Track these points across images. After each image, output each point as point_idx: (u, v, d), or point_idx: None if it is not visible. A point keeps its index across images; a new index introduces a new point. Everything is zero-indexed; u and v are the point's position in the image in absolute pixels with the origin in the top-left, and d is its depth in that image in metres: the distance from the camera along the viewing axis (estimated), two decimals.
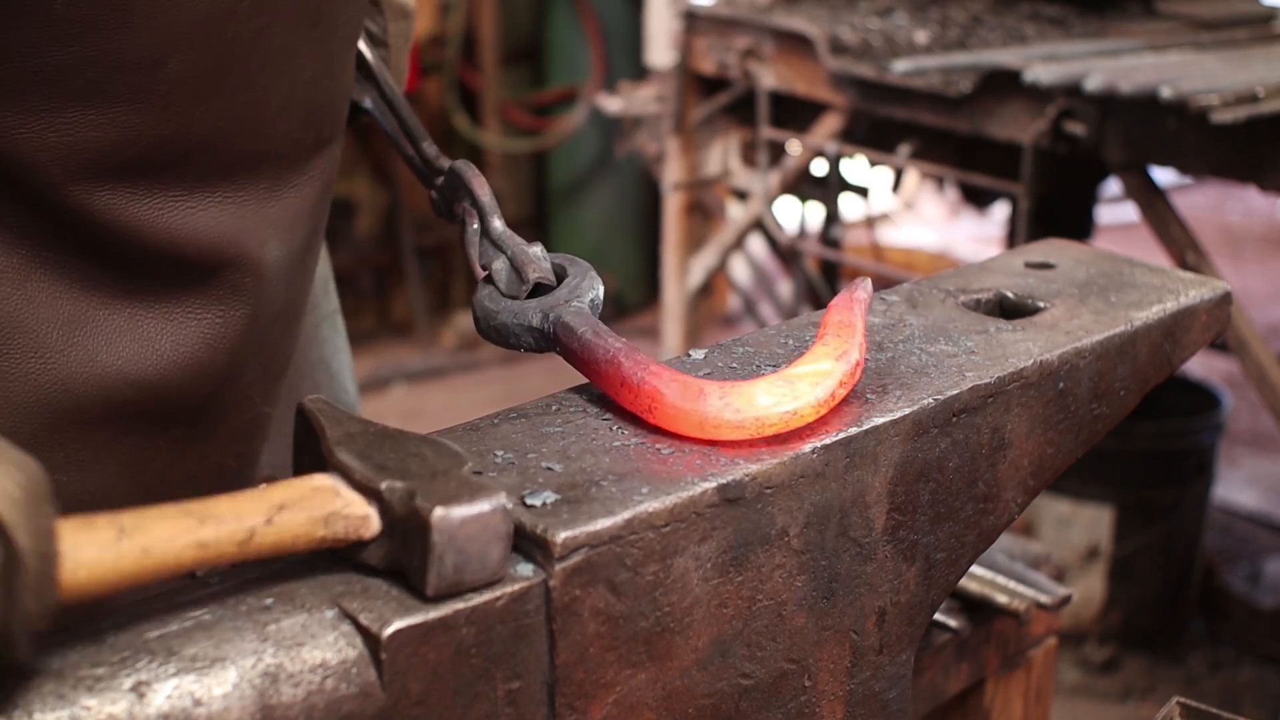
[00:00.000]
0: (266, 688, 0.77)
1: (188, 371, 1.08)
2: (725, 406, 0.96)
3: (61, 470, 1.04)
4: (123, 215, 1.00)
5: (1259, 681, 3.78)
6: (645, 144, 4.48)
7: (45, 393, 1.02)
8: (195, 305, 1.08)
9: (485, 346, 6.02)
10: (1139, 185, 3.17)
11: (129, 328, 1.05)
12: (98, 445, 1.07)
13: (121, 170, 0.99)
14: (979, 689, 1.53)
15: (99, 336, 1.03)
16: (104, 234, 1.01)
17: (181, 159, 1.02)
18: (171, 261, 1.05)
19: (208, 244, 1.06)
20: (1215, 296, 1.27)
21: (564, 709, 0.87)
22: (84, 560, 0.73)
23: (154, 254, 1.04)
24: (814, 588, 1.00)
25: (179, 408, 1.10)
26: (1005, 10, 4.07)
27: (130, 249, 1.02)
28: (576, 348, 1.04)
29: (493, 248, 1.14)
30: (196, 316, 1.08)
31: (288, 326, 1.21)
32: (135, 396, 1.06)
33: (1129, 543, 3.82)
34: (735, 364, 1.09)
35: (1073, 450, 1.18)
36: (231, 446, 1.19)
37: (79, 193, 0.98)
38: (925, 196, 7.33)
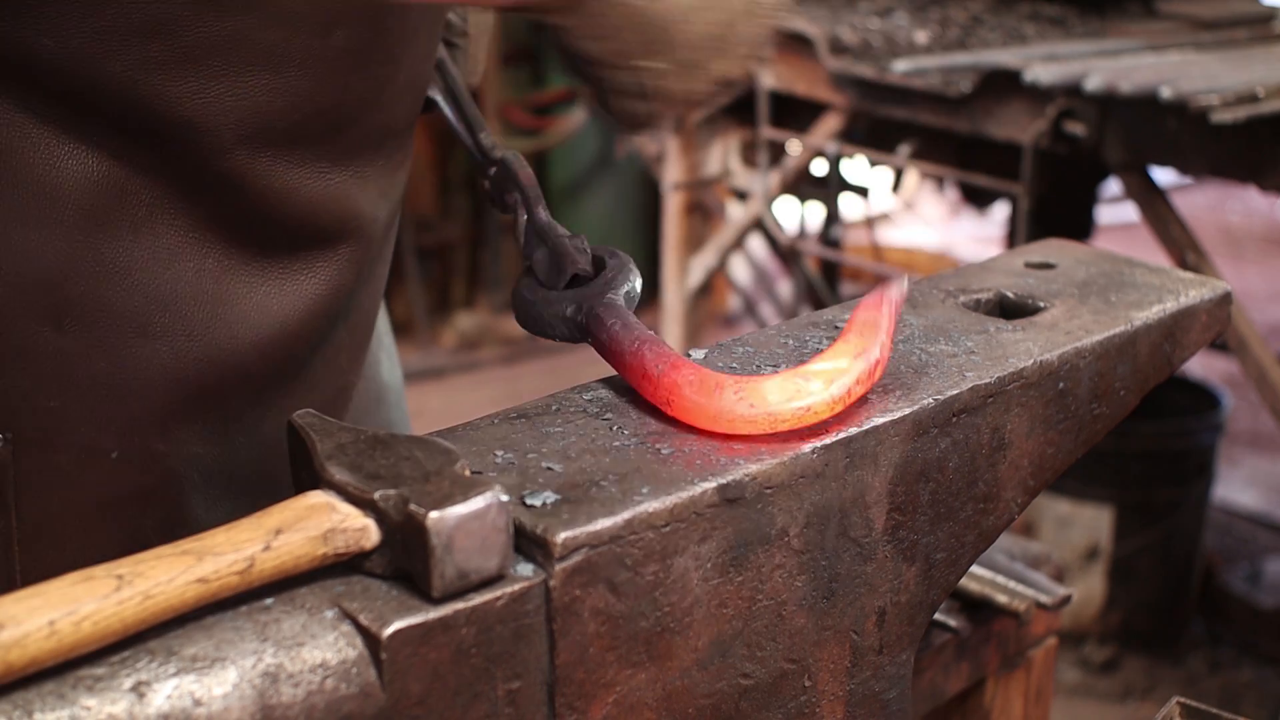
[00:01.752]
0: (266, 688, 0.77)
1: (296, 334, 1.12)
2: (739, 401, 0.96)
3: (196, 442, 1.08)
4: (277, 183, 1.04)
5: (1259, 681, 3.78)
6: (645, 144, 4.48)
7: (190, 369, 1.05)
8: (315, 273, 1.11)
9: (485, 346, 6.02)
10: (1139, 185, 3.17)
11: (262, 302, 1.08)
12: (227, 416, 1.10)
13: (284, 137, 1.02)
14: (979, 689, 1.53)
15: (237, 312, 1.07)
16: (255, 203, 1.04)
17: (333, 128, 1.06)
18: (308, 230, 1.08)
19: (340, 212, 1.10)
20: (1215, 296, 1.27)
21: (564, 709, 0.87)
22: (86, 614, 0.74)
23: (295, 222, 1.07)
24: (814, 588, 1.00)
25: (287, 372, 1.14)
26: (1005, 10, 4.07)
27: (275, 218, 1.06)
28: (605, 339, 1.05)
29: (536, 237, 1.16)
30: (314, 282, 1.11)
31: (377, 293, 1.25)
32: (262, 367, 1.10)
33: (1129, 543, 3.82)
34: (735, 364, 1.09)
35: (1073, 450, 1.18)
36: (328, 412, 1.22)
37: (243, 158, 1.01)
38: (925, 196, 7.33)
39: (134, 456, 1.05)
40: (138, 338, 1.02)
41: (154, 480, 1.07)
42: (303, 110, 1.02)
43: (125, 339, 1.02)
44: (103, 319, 1.00)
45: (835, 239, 4.11)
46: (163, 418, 1.05)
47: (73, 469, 1.03)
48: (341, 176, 1.09)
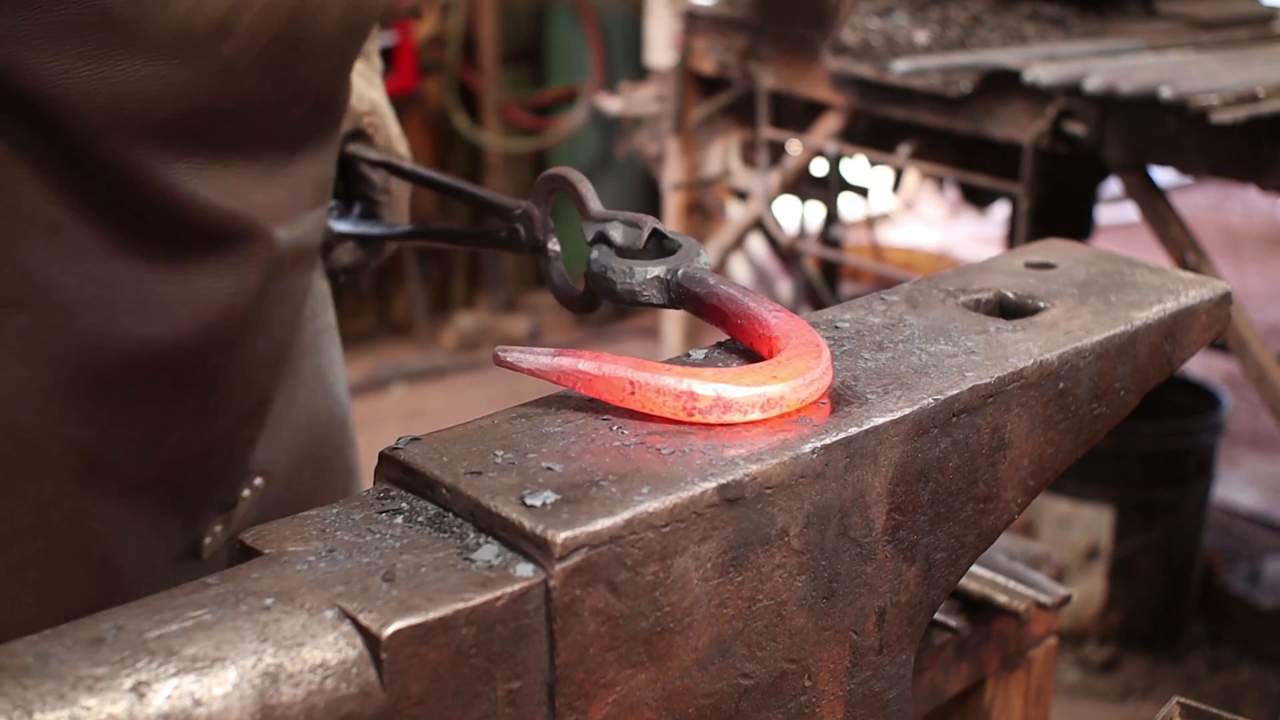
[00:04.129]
0: (266, 688, 0.77)
1: (201, 339, 1.12)
2: None
3: (76, 424, 1.08)
4: (155, 176, 1.03)
5: (1259, 681, 3.78)
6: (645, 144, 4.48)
7: (66, 349, 1.04)
8: (211, 274, 1.11)
9: (485, 346, 6.02)
10: (1139, 185, 3.17)
11: (150, 293, 1.07)
12: (115, 407, 1.10)
13: (160, 130, 1.02)
14: (979, 689, 1.53)
15: (122, 300, 1.06)
16: (135, 194, 1.03)
17: (212, 127, 1.05)
18: (193, 227, 1.08)
19: (228, 213, 1.09)
20: (1215, 296, 1.27)
21: (564, 709, 0.87)
22: None
23: (178, 219, 1.06)
24: (814, 588, 1.00)
25: (194, 379, 1.14)
26: (1005, 10, 4.07)
27: (157, 212, 1.05)
28: (704, 293, 1.10)
29: (596, 222, 1.17)
30: (212, 286, 1.11)
31: (294, 311, 1.25)
32: (151, 362, 1.09)
33: (1129, 543, 3.82)
34: (736, 364, 1.09)
35: (1073, 450, 1.18)
36: (240, 429, 1.23)
37: (118, 146, 1.00)
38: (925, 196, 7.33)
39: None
40: (11, 308, 1.02)
41: (20, 454, 1.06)
42: (179, 104, 1.01)
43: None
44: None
45: (835, 239, 4.11)
46: (32, 391, 1.05)
47: None
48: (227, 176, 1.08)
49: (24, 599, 1.09)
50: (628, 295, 1.13)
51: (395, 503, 0.93)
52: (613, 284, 1.13)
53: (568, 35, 6.23)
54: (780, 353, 1.03)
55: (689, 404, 0.98)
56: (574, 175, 1.20)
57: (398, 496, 0.94)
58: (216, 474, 1.23)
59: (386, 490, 0.95)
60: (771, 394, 0.98)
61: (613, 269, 1.13)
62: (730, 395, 0.98)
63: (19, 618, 1.08)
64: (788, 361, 1.01)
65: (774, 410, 0.99)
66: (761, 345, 1.06)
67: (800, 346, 1.03)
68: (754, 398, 0.98)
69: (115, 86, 0.97)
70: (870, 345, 1.13)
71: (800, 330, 1.05)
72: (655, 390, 0.98)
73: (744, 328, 1.08)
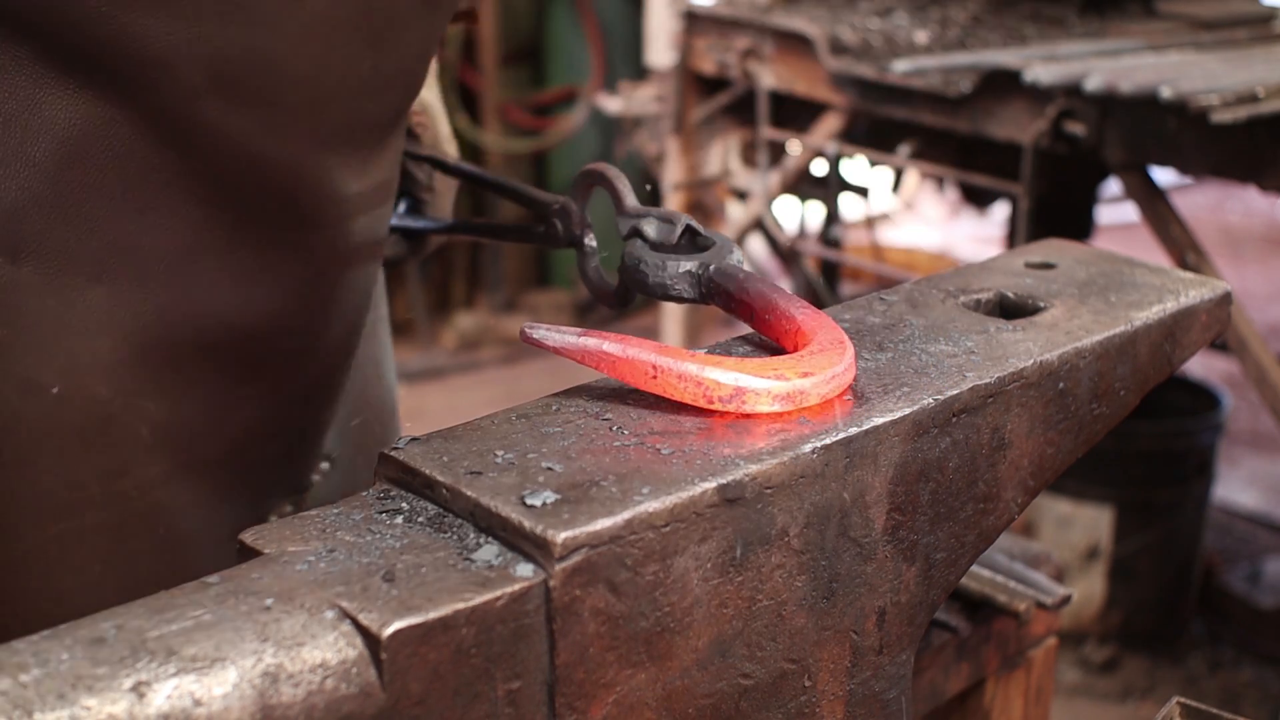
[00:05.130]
0: (266, 688, 0.77)
1: (276, 320, 1.14)
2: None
3: (149, 397, 1.10)
4: (252, 145, 1.04)
5: (1259, 681, 3.78)
6: (645, 144, 4.48)
7: (143, 320, 1.06)
8: (291, 256, 1.12)
9: (485, 346, 6.02)
10: (1139, 185, 3.17)
11: (230, 269, 1.09)
12: (187, 382, 1.11)
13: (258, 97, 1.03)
14: (979, 689, 1.53)
15: (201, 274, 1.08)
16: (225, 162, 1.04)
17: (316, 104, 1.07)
18: (277, 205, 1.09)
19: (313, 193, 1.11)
20: (1215, 296, 1.27)
21: (564, 709, 0.87)
22: None
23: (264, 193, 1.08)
24: (814, 588, 1.00)
25: (266, 359, 1.15)
26: (1005, 10, 4.07)
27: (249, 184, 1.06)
28: (734, 289, 1.11)
29: (631, 217, 1.18)
30: (290, 268, 1.13)
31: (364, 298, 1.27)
32: (226, 338, 1.11)
33: (1129, 543, 3.82)
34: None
35: (1073, 450, 1.18)
36: (311, 410, 1.25)
37: (217, 111, 1.01)
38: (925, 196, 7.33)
39: (74, 396, 1.06)
40: (90, 281, 1.03)
41: (94, 424, 1.08)
42: (275, 73, 1.02)
43: (77, 280, 1.03)
44: (58, 258, 1.02)
45: (835, 239, 4.11)
46: (109, 363, 1.06)
47: (13, 399, 1.04)
48: (321, 156, 1.09)
49: (91, 566, 1.11)
50: (659, 289, 1.14)
51: (395, 503, 0.93)
52: (645, 277, 1.14)
53: (568, 35, 6.23)
54: (805, 348, 1.03)
55: (710, 392, 0.98)
56: (611, 171, 1.22)
57: (398, 496, 0.94)
58: (285, 455, 1.25)
59: (386, 490, 0.95)
60: (794, 387, 0.99)
61: (645, 262, 1.14)
62: (751, 386, 0.98)
63: (86, 583, 1.11)
64: (811, 356, 1.01)
65: (795, 404, 0.99)
66: (788, 341, 1.07)
67: (825, 342, 1.03)
68: (775, 390, 0.98)
69: (215, 48, 0.98)
70: (870, 345, 1.13)
71: (826, 327, 1.05)
72: (677, 376, 0.98)
73: (771, 323, 1.09)
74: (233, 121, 1.03)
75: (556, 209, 1.29)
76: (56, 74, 0.97)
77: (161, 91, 0.99)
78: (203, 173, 1.04)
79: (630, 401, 1.03)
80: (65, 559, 1.10)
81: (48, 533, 1.08)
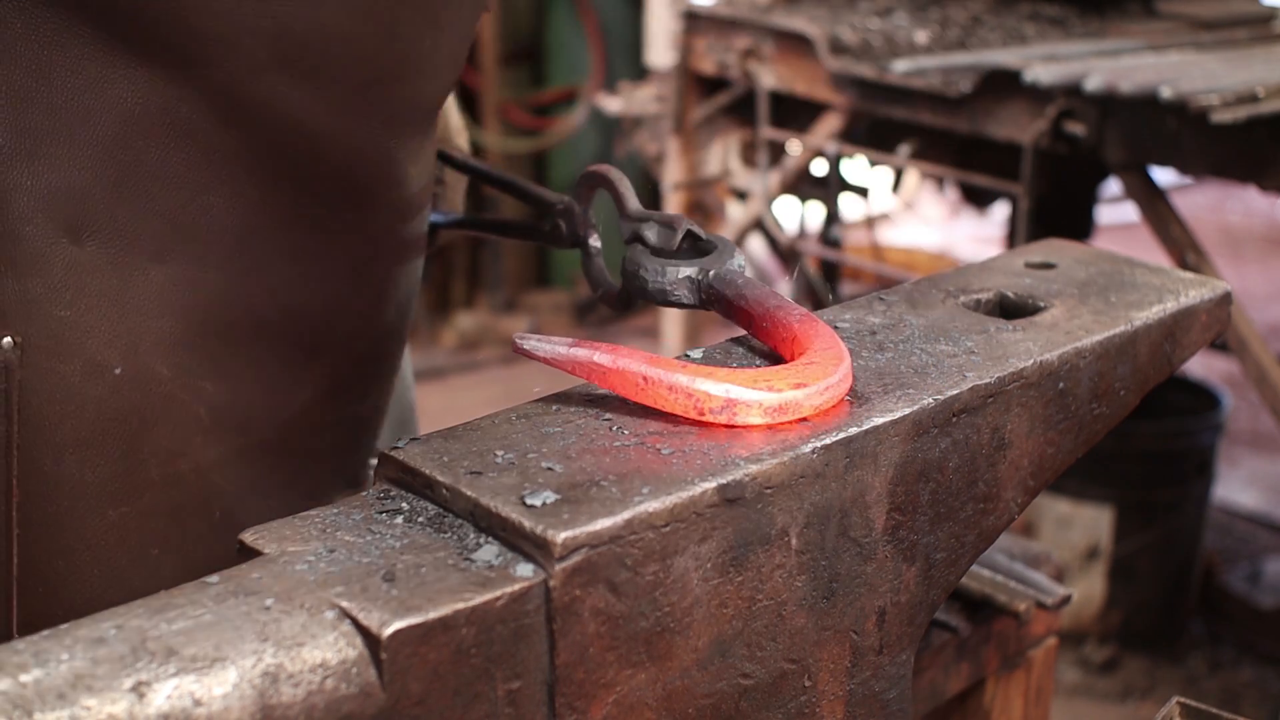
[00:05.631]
0: (266, 688, 0.77)
1: (333, 302, 1.14)
2: None
3: (208, 377, 1.10)
4: (313, 122, 1.05)
5: (1259, 681, 3.78)
6: (645, 144, 4.48)
7: (203, 299, 1.07)
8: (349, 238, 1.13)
9: (485, 346, 6.02)
10: (1139, 185, 3.17)
11: (288, 250, 1.09)
12: (244, 360, 1.12)
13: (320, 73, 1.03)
14: (979, 689, 1.53)
15: (260, 254, 1.08)
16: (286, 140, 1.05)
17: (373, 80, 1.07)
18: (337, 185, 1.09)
19: (373, 173, 1.11)
20: (1215, 296, 1.27)
21: (564, 709, 0.87)
22: None
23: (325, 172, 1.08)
24: (814, 588, 1.00)
25: (323, 341, 1.16)
26: (1005, 10, 4.07)
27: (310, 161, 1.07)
28: (732, 295, 1.11)
29: (633, 221, 1.18)
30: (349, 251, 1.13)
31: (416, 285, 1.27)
32: (284, 319, 1.12)
33: (1129, 543, 3.82)
34: (734, 364, 1.09)
35: (1073, 450, 1.18)
36: (369, 398, 1.26)
37: (280, 86, 1.02)
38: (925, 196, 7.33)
39: (136, 376, 1.06)
40: (151, 261, 1.04)
41: (155, 404, 1.08)
42: (338, 49, 1.03)
43: (139, 260, 1.03)
44: (120, 237, 1.02)
45: (835, 239, 4.11)
46: (169, 342, 1.07)
47: (76, 380, 1.05)
48: (381, 135, 1.09)
49: (150, 548, 1.12)
50: (659, 295, 1.14)
51: (395, 503, 0.93)
52: (645, 283, 1.14)
53: (568, 35, 6.23)
54: (801, 357, 1.03)
55: (700, 403, 0.98)
56: (614, 173, 1.22)
57: (398, 496, 0.94)
58: (342, 443, 1.26)
59: (386, 490, 0.95)
60: (785, 399, 0.98)
61: (645, 268, 1.14)
62: (742, 398, 0.98)
63: (145, 565, 1.11)
64: (805, 367, 1.01)
65: (787, 416, 0.99)
66: (785, 349, 1.07)
67: (821, 352, 1.02)
68: (766, 402, 0.98)
69: (279, 23, 0.99)
70: (870, 345, 1.13)
71: (823, 335, 1.05)
72: (667, 387, 0.98)
73: (769, 331, 1.09)
74: (294, 98, 1.03)
75: (561, 209, 1.29)
76: (120, 52, 0.97)
77: (224, 68, 0.99)
78: (263, 152, 1.04)
79: (630, 401, 1.03)
80: (124, 542, 1.10)
81: (108, 518, 1.09)
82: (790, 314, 1.08)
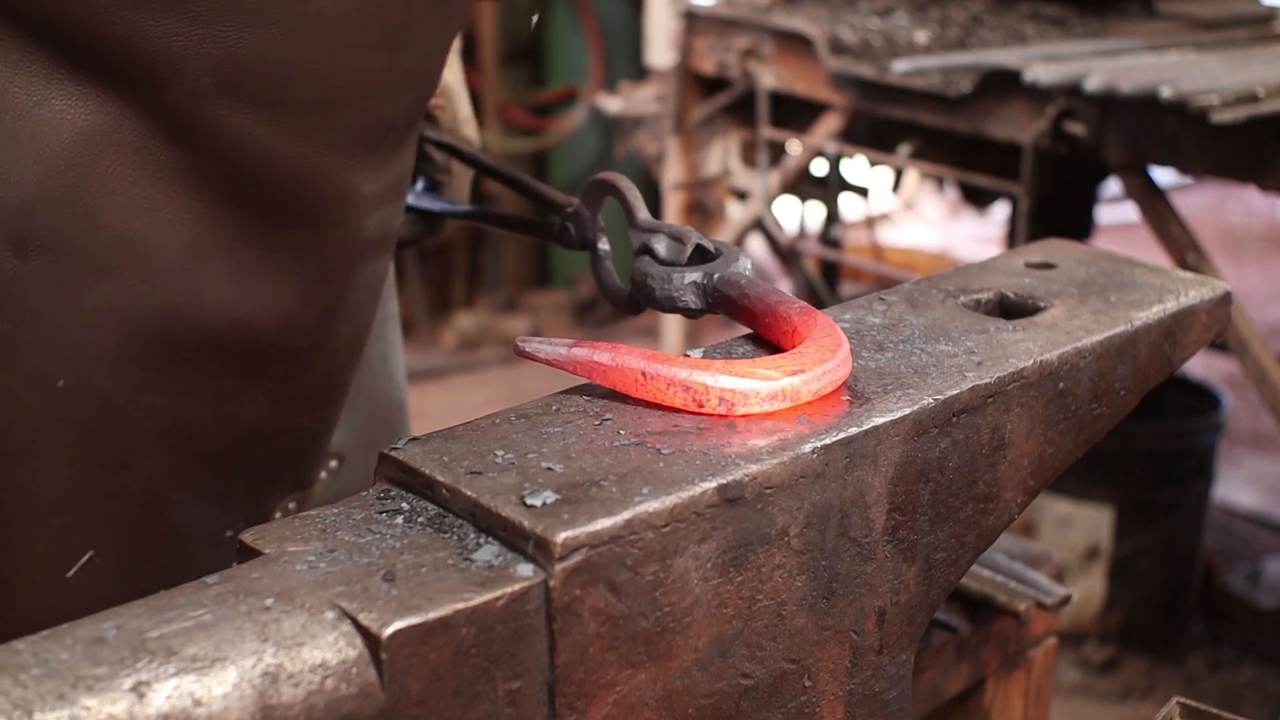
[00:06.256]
0: (266, 688, 0.77)
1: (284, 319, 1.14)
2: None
3: (154, 391, 1.10)
4: (259, 145, 1.05)
5: (1259, 681, 3.78)
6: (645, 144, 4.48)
7: (148, 315, 1.07)
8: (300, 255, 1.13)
9: (485, 346, 6.02)
10: (1139, 185, 3.17)
11: (237, 267, 1.09)
12: (193, 378, 1.12)
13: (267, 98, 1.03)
14: (979, 689, 1.53)
15: (208, 271, 1.08)
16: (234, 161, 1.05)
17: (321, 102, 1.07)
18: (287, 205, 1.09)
19: (323, 194, 1.11)
20: (1215, 296, 1.27)
21: (564, 709, 0.87)
22: None
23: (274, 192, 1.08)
24: (814, 588, 1.00)
25: (273, 356, 1.16)
26: (1005, 10, 4.07)
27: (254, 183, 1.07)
28: (737, 295, 1.11)
29: (642, 232, 1.18)
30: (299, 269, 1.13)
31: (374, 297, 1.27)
32: (232, 335, 1.11)
33: (1129, 543, 3.82)
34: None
35: (1073, 450, 1.18)
36: (317, 409, 1.25)
37: (225, 111, 1.02)
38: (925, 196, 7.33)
39: (81, 390, 1.06)
40: (98, 277, 1.04)
41: (100, 417, 1.08)
42: (285, 74, 1.03)
43: (84, 276, 1.03)
44: (66, 253, 1.02)
45: (835, 239, 4.11)
46: (115, 357, 1.07)
47: (21, 392, 1.05)
48: (330, 157, 1.09)
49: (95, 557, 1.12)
50: (667, 302, 1.14)
51: (395, 503, 0.93)
52: (652, 291, 1.15)
53: (568, 35, 6.23)
54: (798, 346, 1.03)
55: (698, 396, 0.98)
56: (624, 183, 1.22)
57: (398, 496, 0.94)
58: (290, 452, 1.26)
59: (387, 490, 0.95)
60: (783, 386, 0.99)
61: (652, 275, 1.14)
62: (739, 387, 0.98)
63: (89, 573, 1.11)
64: (801, 355, 1.01)
65: (785, 403, 0.99)
66: (786, 341, 1.07)
67: (818, 340, 1.03)
68: (764, 390, 0.98)
69: (225, 50, 0.99)
70: (870, 345, 1.13)
71: (822, 324, 1.05)
72: (665, 381, 0.99)
73: (771, 326, 1.09)
74: (241, 121, 1.03)
75: (569, 211, 1.29)
76: (67, 71, 0.97)
77: (170, 91, 1.00)
78: (211, 171, 1.04)
79: (630, 401, 1.03)
80: (68, 551, 1.10)
81: (52, 526, 1.09)
82: (790, 308, 1.09)
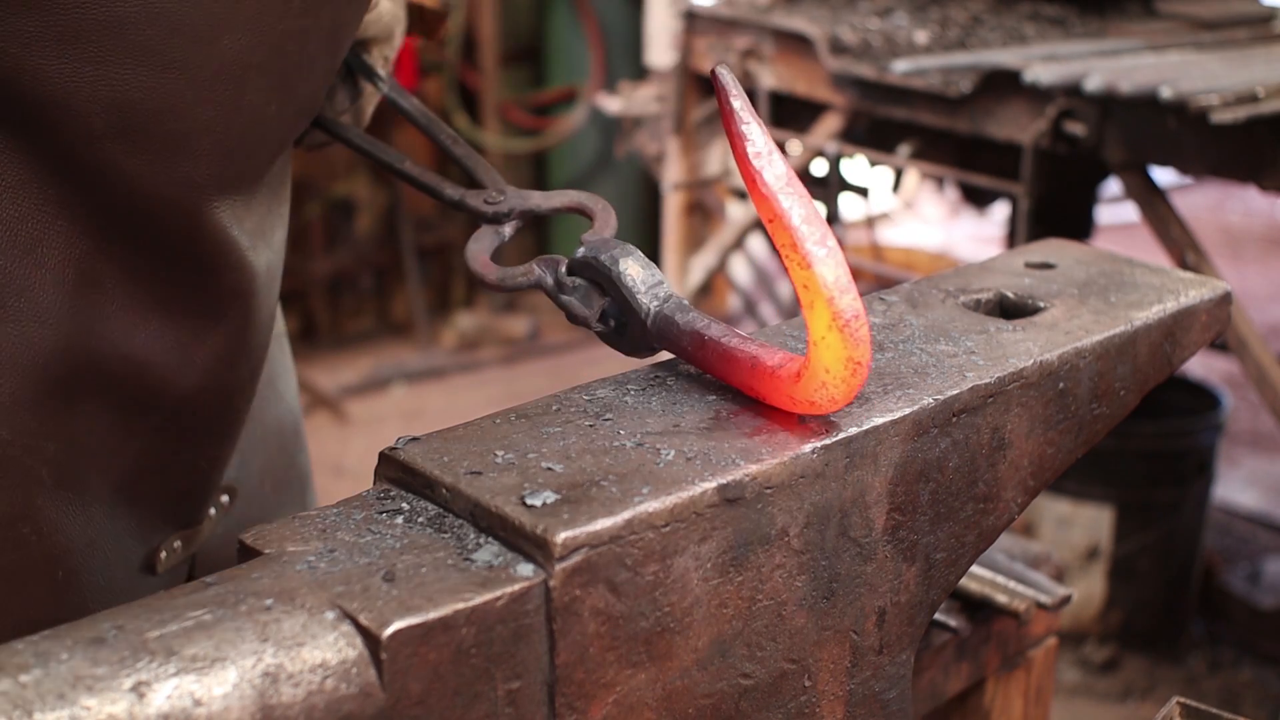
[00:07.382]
0: (266, 688, 0.77)
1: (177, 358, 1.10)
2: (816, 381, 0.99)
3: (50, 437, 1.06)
4: (147, 186, 1.02)
5: (1259, 681, 3.79)
6: (645, 144, 4.48)
7: (39, 356, 1.03)
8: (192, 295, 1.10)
9: (485, 346, 6.02)
10: (1139, 185, 3.17)
11: (126, 307, 1.06)
12: (85, 419, 1.08)
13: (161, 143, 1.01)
14: (979, 689, 1.53)
15: (99, 309, 1.05)
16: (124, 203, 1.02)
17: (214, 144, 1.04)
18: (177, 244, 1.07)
19: (215, 234, 1.08)
20: (1215, 296, 1.27)
21: (564, 709, 0.87)
22: None
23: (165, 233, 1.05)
24: (814, 588, 1.00)
25: (162, 395, 1.12)
26: (1005, 10, 4.07)
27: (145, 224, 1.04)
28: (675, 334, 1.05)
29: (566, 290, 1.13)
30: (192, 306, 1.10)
31: (267, 333, 1.24)
32: (123, 372, 1.08)
33: (1129, 543, 3.82)
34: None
35: (1073, 450, 1.18)
36: (208, 448, 1.21)
37: (115, 152, 0.99)
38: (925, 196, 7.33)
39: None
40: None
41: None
42: (181, 118, 1.00)
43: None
44: None
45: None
46: (9, 404, 1.03)
47: None
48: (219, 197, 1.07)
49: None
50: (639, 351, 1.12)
51: (395, 503, 0.93)
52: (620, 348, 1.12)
53: (568, 35, 6.23)
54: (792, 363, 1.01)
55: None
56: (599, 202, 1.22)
57: (398, 496, 0.94)
58: (177, 490, 1.22)
59: (386, 490, 0.95)
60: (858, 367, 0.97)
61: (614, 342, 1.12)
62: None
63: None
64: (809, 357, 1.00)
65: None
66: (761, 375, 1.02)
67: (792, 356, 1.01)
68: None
69: (119, 92, 0.97)
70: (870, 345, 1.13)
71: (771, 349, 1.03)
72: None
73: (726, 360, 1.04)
74: (130, 163, 1.00)
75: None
76: None
77: (60, 131, 0.97)
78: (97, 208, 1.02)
79: (630, 401, 1.03)
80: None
81: None
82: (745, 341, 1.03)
